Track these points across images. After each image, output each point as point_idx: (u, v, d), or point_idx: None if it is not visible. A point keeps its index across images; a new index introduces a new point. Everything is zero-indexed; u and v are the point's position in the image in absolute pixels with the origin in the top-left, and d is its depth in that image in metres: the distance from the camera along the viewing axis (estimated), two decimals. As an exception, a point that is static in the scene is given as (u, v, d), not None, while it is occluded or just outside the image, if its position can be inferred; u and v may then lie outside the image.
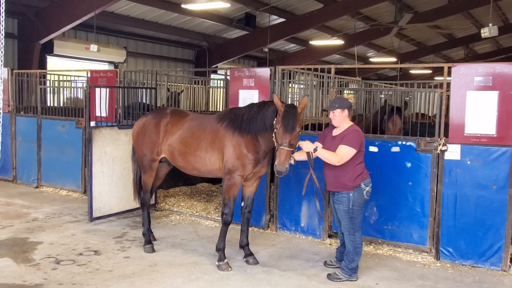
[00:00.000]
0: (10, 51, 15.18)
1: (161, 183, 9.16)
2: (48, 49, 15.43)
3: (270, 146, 5.69)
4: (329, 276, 5.64)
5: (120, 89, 9.15)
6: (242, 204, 6.08)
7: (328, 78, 7.23)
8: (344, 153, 5.33)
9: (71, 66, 16.66)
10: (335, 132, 5.60)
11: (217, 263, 5.79)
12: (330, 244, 6.89)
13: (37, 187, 10.35)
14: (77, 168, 9.73)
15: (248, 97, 7.43)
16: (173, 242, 6.79)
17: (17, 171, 10.84)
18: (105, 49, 16.56)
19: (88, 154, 7.61)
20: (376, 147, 6.61)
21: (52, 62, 16.02)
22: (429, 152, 6.30)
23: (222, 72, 19.00)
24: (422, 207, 6.39)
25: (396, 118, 7.37)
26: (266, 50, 19.79)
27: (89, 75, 9.74)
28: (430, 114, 9.49)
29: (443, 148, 6.18)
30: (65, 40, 15.88)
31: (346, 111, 5.52)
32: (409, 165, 6.44)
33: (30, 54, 14.86)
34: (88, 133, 7.57)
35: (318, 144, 5.49)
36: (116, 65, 17.85)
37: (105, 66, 17.67)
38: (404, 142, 6.48)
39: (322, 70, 7.27)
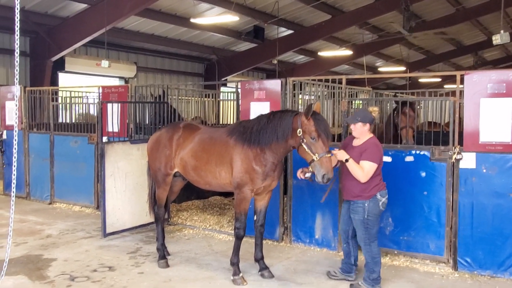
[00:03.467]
0: (23, 69, 15.39)
1: (173, 198, 9.22)
2: (60, 66, 15.61)
3: (279, 157, 5.68)
4: (351, 287, 5.58)
5: (132, 104, 9.19)
6: (255, 218, 6.04)
7: (339, 89, 7.22)
8: (368, 169, 5.36)
9: (82, 83, 16.81)
10: (356, 143, 5.61)
11: (232, 277, 5.74)
12: (346, 256, 6.81)
13: (50, 204, 10.39)
14: (89, 184, 9.76)
15: (259, 109, 7.39)
16: (187, 257, 6.75)
17: (30, 187, 10.90)
18: (115, 65, 16.74)
19: (101, 169, 7.62)
20: (389, 157, 6.55)
21: (63, 79, 16.17)
22: (443, 161, 6.24)
23: (232, 85, 19.07)
24: (438, 216, 6.31)
25: (409, 110, 7.32)
26: (275, 62, 19.85)
27: (101, 91, 9.81)
28: (442, 123, 9.42)
29: (458, 156, 6.11)
30: (76, 57, 16.06)
31: (367, 125, 5.53)
32: (423, 174, 6.38)
33: (42, 71, 15.06)
34: (101, 148, 7.60)
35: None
36: (126, 80, 18.00)
37: (116, 81, 17.82)
38: (418, 152, 6.42)
39: (334, 81, 7.24)
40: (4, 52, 14.76)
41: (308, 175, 5.48)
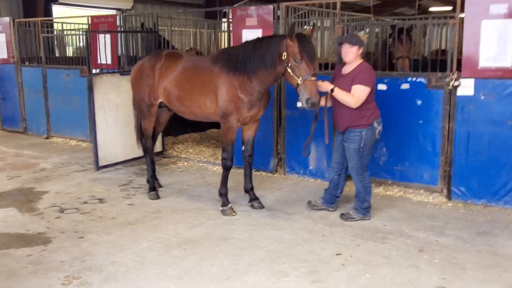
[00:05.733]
0: (15, 1, 14.90)
1: (169, 130, 9.08)
2: (53, -3, 15.08)
3: (266, 86, 5.47)
4: (342, 216, 5.53)
5: (122, 34, 8.87)
6: (243, 148, 5.91)
7: (333, 15, 6.82)
8: (360, 93, 5.11)
9: (76, 14, 16.30)
10: (345, 70, 5.33)
11: (220, 208, 5.69)
12: (339, 187, 6.73)
13: (47, 138, 10.34)
14: (84, 118, 9.56)
15: (251, 37, 7.07)
16: (178, 189, 6.71)
17: (27, 122, 10.82)
18: (111, -5, 16.14)
19: (90, 102, 7.46)
20: (384, 85, 6.30)
21: (57, 11, 15.67)
22: (440, 88, 5.97)
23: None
24: (433, 146, 6.13)
25: (406, 37, 6.91)
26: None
27: (90, 21, 9.46)
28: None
29: (456, 83, 5.84)
30: (69, -12, 15.47)
31: (361, 49, 5.25)
32: (419, 102, 6.14)
33: (33, 2, 14.55)
34: (89, 80, 7.39)
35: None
36: (123, 12, 17.38)
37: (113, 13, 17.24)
38: (414, 79, 6.15)
39: (328, 6, 6.83)
40: (-6, -17, 14.25)
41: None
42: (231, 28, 7.63)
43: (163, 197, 6.34)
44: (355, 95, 5.10)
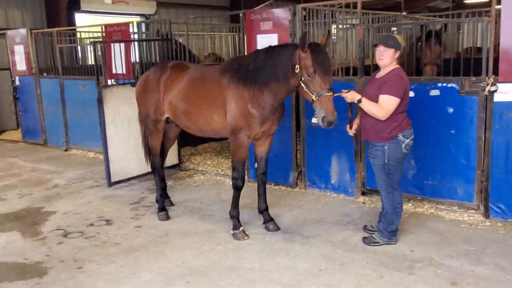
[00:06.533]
0: (38, 10, 14.89)
1: (188, 140, 8.71)
2: (75, 5, 14.98)
3: (280, 99, 4.98)
4: (365, 240, 4.99)
5: (136, 43, 8.54)
6: (256, 165, 5.44)
7: (353, 14, 6.25)
8: (389, 104, 4.53)
9: (97, 22, 16.20)
10: (379, 74, 4.78)
11: (231, 231, 5.24)
12: (364, 203, 6.19)
13: (66, 150, 10.16)
14: (101, 129, 9.37)
15: (266, 43, 6.59)
16: (191, 207, 6.31)
17: (46, 134, 10.67)
18: (134, 1, 15.95)
19: (100, 115, 7.14)
20: (412, 91, 5.69)
21: (80, 19, 15.59)
22: (475, 94, 5.35)
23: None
24: (467, 158, 5.52)
25: (435, 42, 6.25)
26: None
27: (103, 30, 9.19)
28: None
29: (492, 88, 5.20)
30: (91, -5, 15.36)
31: (398, 53, 4.66)
32: (451, 110, 5.53)
33: (56, 11, 14.50)
34: (98, 93, 7.08)
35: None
36: (147, 17, 17.20)
37: (136, 19, 17.06)
38: (444, 84, 5.54)
39: (348, 6, 6.27)
40: (18, -6, 14.26)
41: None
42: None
43: (174, 217, 5.95)
44: (384, 107, 4.55)
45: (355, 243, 4.99)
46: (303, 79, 4.51)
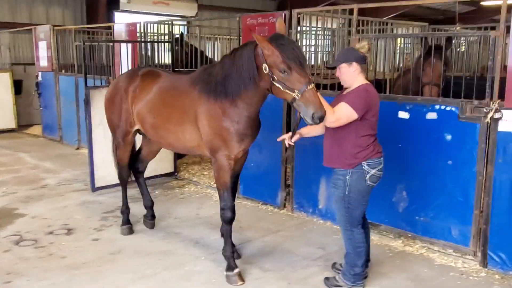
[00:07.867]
0: (79, 9, 15.11)
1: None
2: (115, 4, 15.08)
3: (255, 109, 4.31)
4: (326, 282, 4.32)
5: (141, 44, 8.25)
6: None
7: (347, 21, 5.56)
8: (342, 113, 3.86)
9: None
10: (347, 91, 4.13)
11: (225, 273, 4.44)
12: (349, 234, 5.47)
13: (77, 149, 10.05)
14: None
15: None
16: (162, 222, 5.86)
17: (62, 131, 10.64)
18: (174, 2, 15.86)
19: (86, 117, 6.85)
20: (406, 113, 4.97)
21: (120, 19, 15.64)
22: (476, 120, 4.54)
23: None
24: (465, 195, 4.70)
25: (436, 59, 5.38)
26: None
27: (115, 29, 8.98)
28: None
29: (496, 115, 4.38)
30: (131, -5, 15.39)
31: (354, 64, 3.96)
32: (449, 137, 4.74)
33: (95, 10, 14.64)
34: (86, 94, 6.80)
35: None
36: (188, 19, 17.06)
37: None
38: (443, 107, 4.75)
39: (344, 12, 5.58)
40: (59, -8, 14.52)
41: (294, 138, 4.19)
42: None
43: (137, 232, 5.53)
44: (336, 112, 3.88)
45: (315, 284, 4.32)
46: (276, 78, 3.88)
